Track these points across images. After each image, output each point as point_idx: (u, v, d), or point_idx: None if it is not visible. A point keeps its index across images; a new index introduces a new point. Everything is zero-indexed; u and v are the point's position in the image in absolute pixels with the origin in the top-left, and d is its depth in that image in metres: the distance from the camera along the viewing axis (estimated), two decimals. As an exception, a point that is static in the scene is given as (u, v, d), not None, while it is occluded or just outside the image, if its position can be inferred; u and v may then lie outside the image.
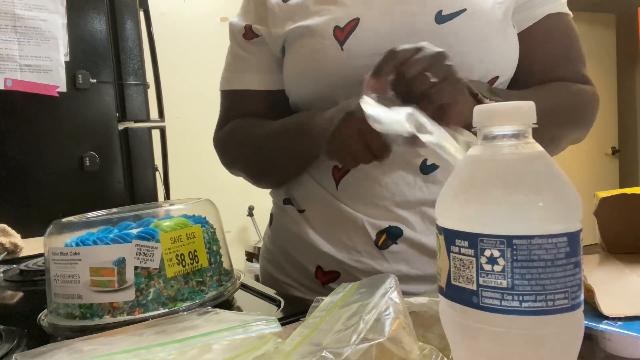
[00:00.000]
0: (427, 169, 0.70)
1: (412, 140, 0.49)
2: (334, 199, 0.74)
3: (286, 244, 0.81)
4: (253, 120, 0.81)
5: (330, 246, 0.75)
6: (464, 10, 0.66)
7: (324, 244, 0.75)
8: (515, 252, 0.32)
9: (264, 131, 0.78)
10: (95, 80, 1.74)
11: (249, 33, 0.79)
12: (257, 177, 0.85)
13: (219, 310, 0.49)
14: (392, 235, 0.71)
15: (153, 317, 0.55)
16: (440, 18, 0.67)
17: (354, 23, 0.69)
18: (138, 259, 0.55)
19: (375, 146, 0.56)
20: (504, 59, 0.71)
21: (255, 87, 0.81)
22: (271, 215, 0.88)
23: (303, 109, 0.77)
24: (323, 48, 0.70)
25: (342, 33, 0.69)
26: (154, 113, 1.94)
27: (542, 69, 0.75)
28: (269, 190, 0.90)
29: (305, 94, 0.75)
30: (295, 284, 0.80)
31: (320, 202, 0.76)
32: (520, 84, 0.75)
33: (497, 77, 0.71)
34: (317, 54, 0.70)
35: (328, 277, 0.75)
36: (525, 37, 0.73)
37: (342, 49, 0.68)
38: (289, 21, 0.74)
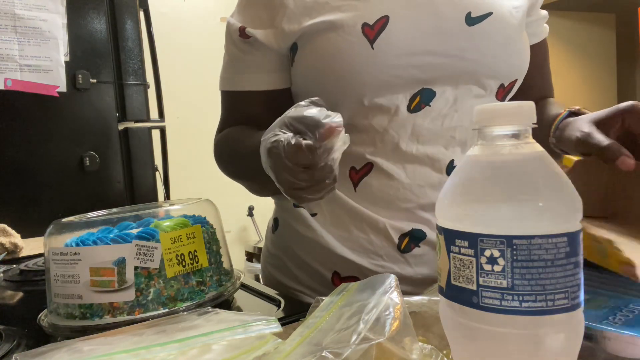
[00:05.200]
0: (452, 170, 0.70)
1: None
2: (351, 201, 0.72)
3: (297, 248, 0.78)
4: (244, 130, 0.77)
5: (348, 251, 0.72)
6: (491, 13, 0.68)
7: (341, 248, 0.72)
8: (515, 252, 0.32)
9: (243, 147, 0.72)
10: (95, 80, 1.74)
11: (242, 34, 0.75)
12: (250, 190, 0.81)
13: (219, 310, 0.49)
14: (415, 238, 0.70)
15: (153, 317, 0.55)
16: (470, 20, 0.68)
17: (383, 21, 0.66)
18: (138, 259, 0.55)
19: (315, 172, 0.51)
20: (523, 62, 0.74)
21: (252, 87, 0.77)
22: (275, 219, 0.84)
23: None
24: (350, 45, 0.66)
25: (372, 31, 0.66)
26: (154, 113, 1.94)
27: (540, 85, 0.83)
28: None
29: (323, 93, 0.70)
30: (307, 291, 0.77)
31: (335, 205, 0.73)
32: (518, 95, 0.78)
33: (516, 80, 0.74)
34: (343, 51, 0.66)
35: (346, 282, 0.73)
36: (531, 53, 0.77)
37: (372, 47, 0.65)
38: (306, 17, 0.69)
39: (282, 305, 0.67)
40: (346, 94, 0.69)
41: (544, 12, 0.81)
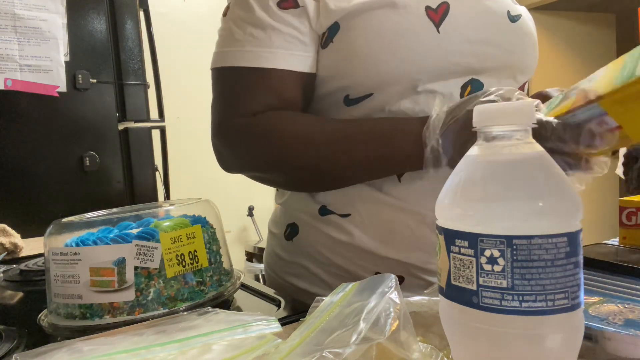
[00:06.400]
0: None
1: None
2: (390, 197, 0.68)
3: (330, 254, 0.73)
4: (303, 114, 0.70)
5: (391, 250, 0.69)
6: (521, 15, 0.73)
7: (383, 248, 0.69)
8: (515, 252, 0.32)
9: (344, 131, 0.66)
10: (95, 80, 1.74)
11: (288, 1, 0.66)
12: (319, 183, 0.72)
13: (219, 310, 0.49)
14: None
15: (153, 317, 0.55)
16: (511, 18, 0.71)
17: (445, 6, 0.65)
18: (138, 259, 0.55)
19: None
20: (536, 62, 0.78)
21: (294, 67, 0.67)
22: (292, 225, 0.78)
23: (354, 95, 0.68)
24: (415, 26, 0.63)
25: (437, 15, 0.65)
26: (154, 113, 1.94)
27: None
28: (274, 194, 0.83)
29: (370, 76, 0.66)
30: None
31: (371, 203, 0.69)
32: None
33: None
34: (407, 31, 0.63)
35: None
36: None
37: (438, 32, 0.64)
38: None
39: (282, 305, 0.67)
40: (401, 77, 0.65)
41: None
